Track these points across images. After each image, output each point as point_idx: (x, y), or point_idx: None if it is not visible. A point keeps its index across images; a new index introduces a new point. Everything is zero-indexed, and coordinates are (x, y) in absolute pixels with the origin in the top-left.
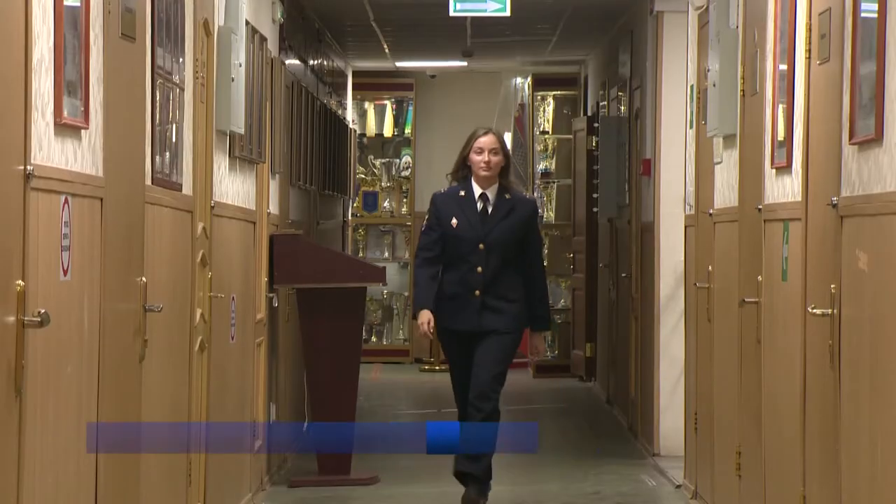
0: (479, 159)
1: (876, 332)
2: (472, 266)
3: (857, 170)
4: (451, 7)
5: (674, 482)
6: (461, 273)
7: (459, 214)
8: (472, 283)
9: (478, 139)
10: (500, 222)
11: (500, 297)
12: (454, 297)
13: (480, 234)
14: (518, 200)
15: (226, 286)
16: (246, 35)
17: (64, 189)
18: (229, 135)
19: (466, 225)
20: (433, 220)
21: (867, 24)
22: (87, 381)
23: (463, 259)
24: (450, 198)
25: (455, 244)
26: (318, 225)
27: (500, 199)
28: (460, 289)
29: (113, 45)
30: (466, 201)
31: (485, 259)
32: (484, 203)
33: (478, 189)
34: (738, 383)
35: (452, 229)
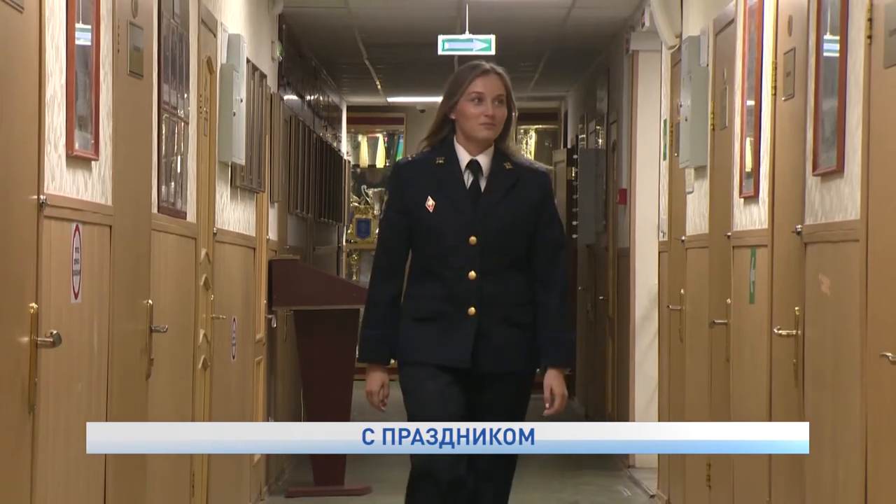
0: (476, 112)
1: (837, 352)
2: (459, 271)
3: (820, 199)
4: (439, 47)
5: (647, 492)
6: (444, 282)
7: (437, 192)
8: (463, 297)
9: (474, 81)
10: (501, 203)
11: (503, 318)
12: (435, 319)
13: (471, 222)
14: (524, 170)
15: (227, 308)
16: (247, 72)
17: (75, 217)
18: (231, 166)
19: (449, 208)
20: (396, 201)
21: (829, 63)
22: (96, 398)
23: (445, 261)
24: (422, 168)
25: (432, 238)
26: (315, 250)
27: (499, 170)
28: (445, 306)
29: (121, 81)
30: (447, 173)
31: (479, 259)
32: (475, 175)
33: (464, 155)
34: (708, 399)
35: (428, 215)
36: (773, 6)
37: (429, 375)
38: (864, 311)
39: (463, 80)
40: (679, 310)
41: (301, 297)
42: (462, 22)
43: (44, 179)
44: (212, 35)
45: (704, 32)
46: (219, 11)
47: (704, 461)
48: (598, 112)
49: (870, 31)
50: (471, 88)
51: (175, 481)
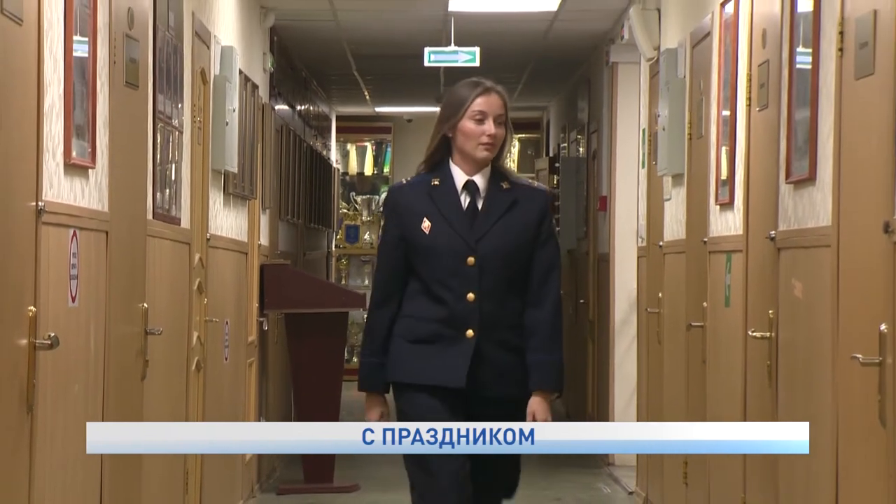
0: (478, 131)
1: (809, 354)
2: (458, 292)
3: (793, 206)
4: (425, 59)
5: (627, 489)
6: (442, 304)
7: (433, 214)
8: (461, 319)
9: (476, 99)
10: (498, 223)
11: (501, 342)
12: (430, 341)
13: (469, 243)
14: (521, 190)
15: (220, 311)
16: (239, 83)
17: (72, 223)
18: (224, 173)
19: (445, 230)
20: (392, 225)
21: (802, 75)
22: (93, 399)
23: (443, 282)
24: (417, 190)
25: (430, 259)
26: (305, 255)
27: (496, 190)
28: (442, 328)
29: (118, 92)
30: (443, 194)
31: (477, 280)
32: (472, 196)
33: (461, 175)
34: (685, 399)
35: (424, 237)
36: (748, 20)
37: (426, 403)
38: (835, 315)
39: (465, 98)
40: (657, 313)
41: (292, 300)
42: (448, 34)
43: (42, 187)
44: (205, 47)
45: (681, 45)
46: (212, 24)
47: (682, 459)
48: (579, 122)
49: (841, 44)
50: (473, 107)
51: (169, 479)
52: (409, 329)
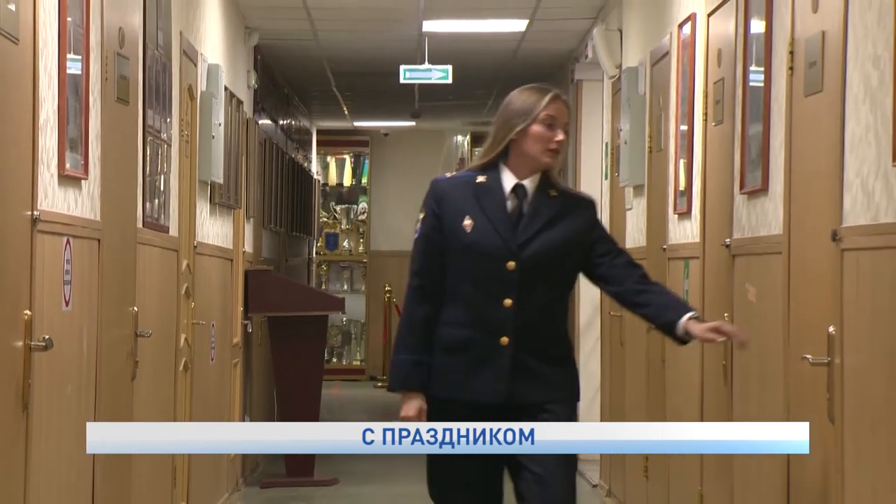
0: (548, 135)
1: (762, 354)
2: (495, 297)
3: (747, 216)
4: (401, 76)
5: (591, 482)
6: (477, 308)
7: (477, 212)
8: (497, 325)
9: (548, 105)
10: (543, 230)
11: (538, 351)
12: (464, 348)
13: (511, 246)
14: (569, 199)
15: (206, 314)
16: (225, 99)
17: (66, 231)
18: (210, 184)
19: (488, 230)
20: (431, 218)
21: (755, 92)
22: (85, 398)
23: (480, 286)
24: (461, 186)
25: (468, 260)
26: (287, 262)
27: (543, 197)
28: (475, 334)
29: (109, 107)
30: (489, 193)
31: (516, 286)
32: (519, 200)
33: (510, 178)
34: (645, 397)
35: (465, 235)
36: (704, 40)
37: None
38: (786, 317)
39: (536, 103)
40: (619, 316)
41: (274, 304)
42: (422, 53)
43: (37, 197)
44: (192, 65)
45: (642, 64)
46: (199, 43)
47: (643, 454)
48: None
49: (791, 63)
50: (546, 111)
51: (158, 474)
52: (445, 335)
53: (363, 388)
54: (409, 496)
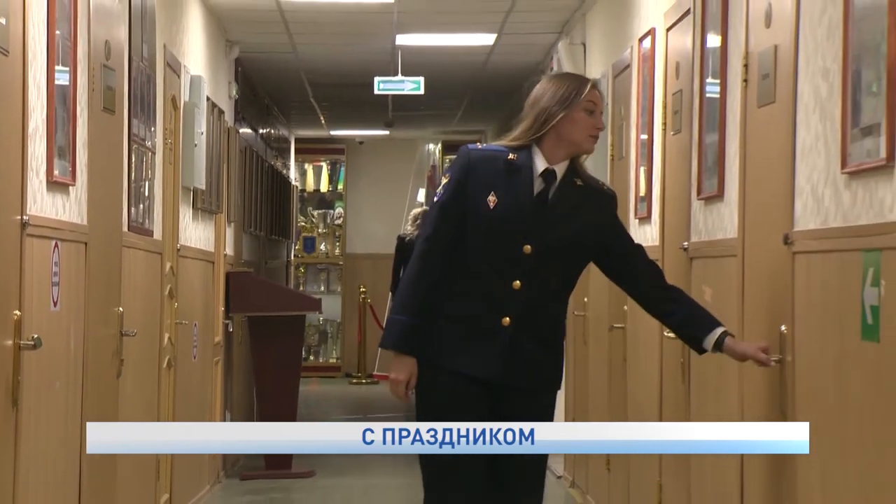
0: (590, 121)
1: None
2: (505, 277)
3: (703, 220)
4: (375, 87)
5: (555, 474)
6: (484, 284)
7: (502, 189)
8: (500, 305)
9: (590, 91)
10: (565, 219)
11: (536, 335)
12: (467, 322)
13: (531, 230)
14: (593, 190)
15: (189, 314)
16: (207, 109)
17: (54, 235)
18: (193, 190)
19: (511, 210)
20: (456, 186)
21: (711, 103)
22: (72, 395)
23: (493, 263)
24: (491, 160)
25: (485, 236)
26: (266, 264)
27: (569, 185)
28: (480, 309)
29: (96, 116)
30: (517, 173)
31: (528, 270)
32: (546, 184)
33: (541, 162)
34: (608, 393)
35: (487, 211)
36: (663, 53)
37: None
38: (741, 317)
39: (579, 89)
40: (583, 315)
41: (254, 304)
42: (395, 65)
43: (27, 202)
44: (176, 76)
45: (604, 75)
46: (182, 55)
47: None
48: None
49: (745, 76)
50: (588, 97)
51: (142, 468)
52: (450, 309)
53: (339, 384)
54: (382, 487)
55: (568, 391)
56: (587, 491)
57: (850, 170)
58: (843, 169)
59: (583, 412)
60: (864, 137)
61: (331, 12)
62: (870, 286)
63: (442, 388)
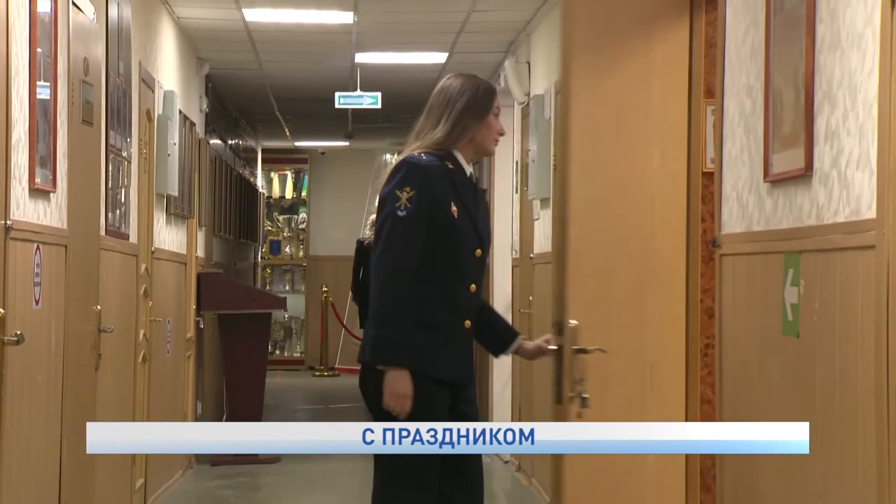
0: (497, 126)
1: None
2: (464, 282)
3: None
4: (336, 101)
5: (503, 459)
6: (452, 291)
7: (456, 199)
8: (464, 309)
9: (496, 98)
10: (485, 219)
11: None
12: (439, 329)
13: (481, 234)
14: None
15: (163, 312)
16: (179, 121)
17: (36, 238)
18: (166, 197)
19: (466, 217)
20: (424, 200)
21: None
22: (53, 387)
23: (456, 270)
24: (440, 169)
25: (450, 245)
26: (235, 265)
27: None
28: (448, 316)
29: (75, 128)
30: (460, 181)
31: (479, 271)
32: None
33: (465, 166)
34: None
35: (452, 221)
36: None
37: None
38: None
39: (492, 95)
40: (528, 313)
41: (224, 303)
42: (355, 81)
43: (10, 208)
44: (150, 91)
45: (547, 92)
46: (156, 72)
47: None
48: None
49: None
50: (496, 104)
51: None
52: (420, 315)
53: (303, 377)
54: (342, 472)
55: (514, 383)
56: (532, 475)
57: (771, 179)
58: (766, 178)
59: (528, 398)
60: (784, 149)
61: (294, 32)
62: (790, 286)
63: (436, 396)
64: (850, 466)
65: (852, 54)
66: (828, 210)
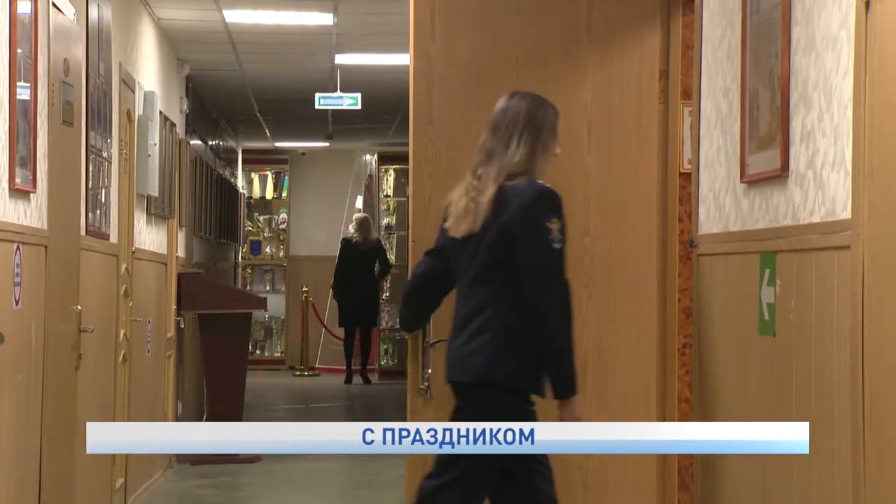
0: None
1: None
2: None
3: None
4: (316, 102)
5: None
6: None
7: None
8: None
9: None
10: None
11: None
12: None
13: None
14: None
15: (143, 312)
16: (159, 122)
17: (16, 238)
18: (146, 197)
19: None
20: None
21: None
22: (34, 386)
23: None
24: None
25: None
26: (216, 265)
27: None
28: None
29: (55, 129)
30: None
31: None
32: None
33: None
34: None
35: None
36: None
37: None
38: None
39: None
40: None
41: (204, 303)
42: (335, 82)
43: None
44: (131, 92)
45: None
46: (137, 73)
47: None
48: None
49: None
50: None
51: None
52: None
53: (283, 376)
54: (321, 471)
55: None
56: None
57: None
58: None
59: None
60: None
61: (274, 33)
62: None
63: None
64: (826, 464)
65: (827, 56)
66: (803, 210)
